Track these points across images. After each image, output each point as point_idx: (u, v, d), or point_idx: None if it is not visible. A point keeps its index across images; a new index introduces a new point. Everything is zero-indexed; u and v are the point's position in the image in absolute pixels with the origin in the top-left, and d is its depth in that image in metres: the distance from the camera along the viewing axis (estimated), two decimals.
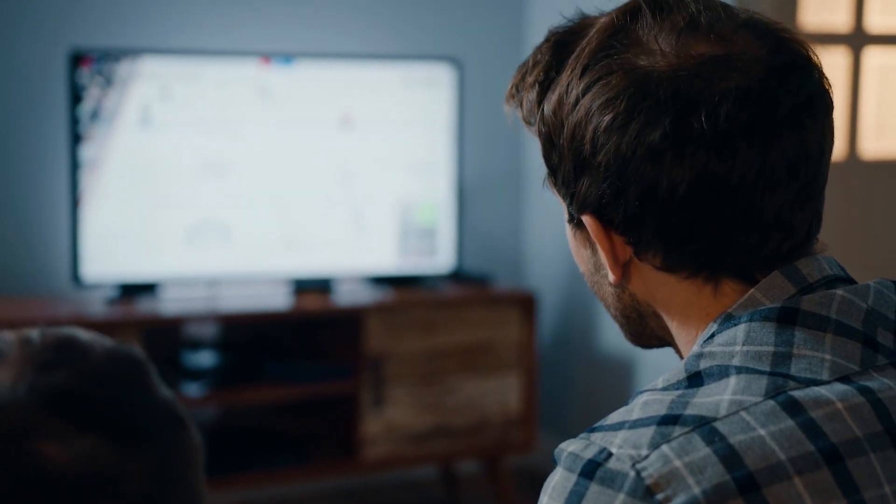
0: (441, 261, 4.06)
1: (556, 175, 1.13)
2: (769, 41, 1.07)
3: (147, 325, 3.60)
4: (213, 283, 3.84)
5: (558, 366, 4.45)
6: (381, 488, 4.32)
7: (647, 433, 0.98)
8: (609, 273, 1.13)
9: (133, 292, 3.74)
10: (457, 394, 3.94)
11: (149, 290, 3.76)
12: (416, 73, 3.99)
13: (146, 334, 3.56)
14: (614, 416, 1.02)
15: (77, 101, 3.62)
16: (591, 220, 1.10)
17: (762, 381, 1.01)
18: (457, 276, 4.11)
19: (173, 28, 3.99)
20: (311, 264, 3.90)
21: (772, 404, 0.99)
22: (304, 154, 3.88)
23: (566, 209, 1.14)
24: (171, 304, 3.72)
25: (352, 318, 3.81)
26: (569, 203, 1.13)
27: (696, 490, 0.94)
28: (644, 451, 0.97)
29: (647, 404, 1.01)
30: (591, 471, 0.98)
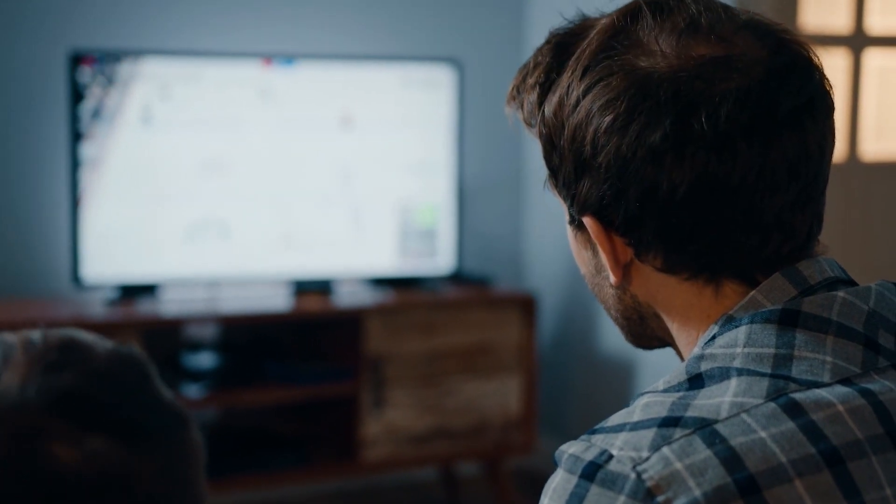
0: (441, 262, 4.06)
1: (557, 176, 1.13)
2: (770, 42, 1.07)
3: (147, 327, 3.60)
4: (213, 284, 3.84)
5: (558, 367, 4.45)
6: (381, 490, 4.32)
7: (648, 435, 0.98)
8: (610, 275, 1.13)
9: (133, 293, 3.74)
10: (457, 395, 3.94)
11: (149, 291, 3.76)
12: (417, 74, 3.99)
13: (146, 335, 3.56)
14: (615, 418, 1.02)
15: (77, 102, 3.62)
16: (592, 221, 1.10)
17: (763, 383, 1.00)
18: (457, 278, 4.11)
19: (174, 29, 3.98)
20: (311, 265, 3.90)
21: (773, 406, 0.99)
22: (304, 155, 3.88)
23: (567, 211, 1.14)
24: (171, 305, 3.72)
25: (352, 320, 3.81)
26: (569, 204, 1.13)
27: (697, 492, 0.94)
28: (645, 453, 0.97)
29: (647, 406, 1.01)
30: (591, 473, 0.97)
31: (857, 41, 4.06)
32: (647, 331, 1.18)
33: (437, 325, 3.89)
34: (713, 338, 1.06)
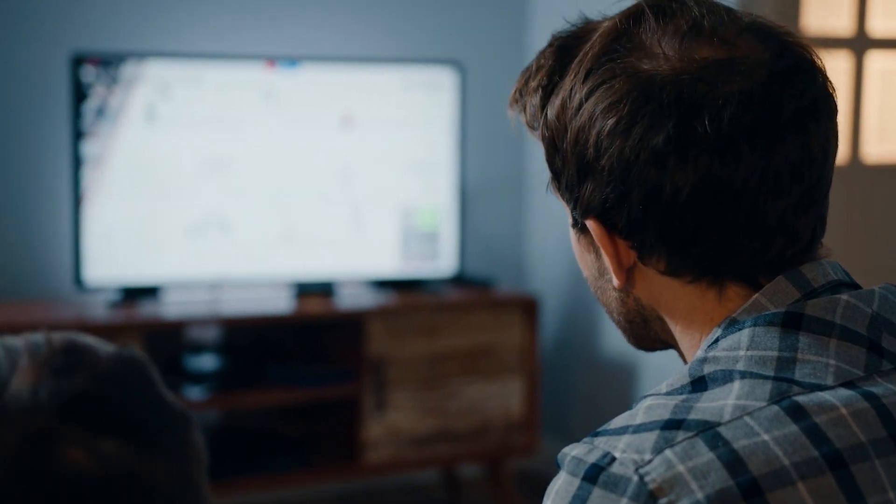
0: (443, 264, 4.06)
1: (560, 179, 1.12)
2: (773, 45, 1.07)
3: (149, 329, 3.60)
4: (215, 286, 3.84)
5: (560, 369, 4.45)
6: (383, 492, 4.32)
7: (651, 438, 0.98)
8: (613, 278, 1.13)
9: (135, 295, 3.74)
10: (459, 397, 3.93)
11: (151, 293, 3.76)
12: (419, 76, 3.99)
13: (148, 338, 3.56)
14: (618, 421, 1.02)
15: (80, 104, 3.62)
16: (595, 224, 1.10)
17: (766, 386, 1.00)
18: (459, 280, 4.11)
19: (177, 32, 3.98)
20: (313, 267, 3.90)
21: (776, 409, 0.98)
22: (306, 156, 3.88)
23: (570, 214, 1.14)
24: (173, 307, 3.72)
25: (354, 322, 3.81)
26: (572, 207, 1.12)
27: (700, 495, 0.94)
28: (647, 456, 0.97)
29: (650, 409, 1.01)
30: (594, 475, 0.97)
31: (860, 43, 4.06)
32: (650, 333, 1.17)
33: (439, 327, 3.89)
34: (716, 340, 1.06)
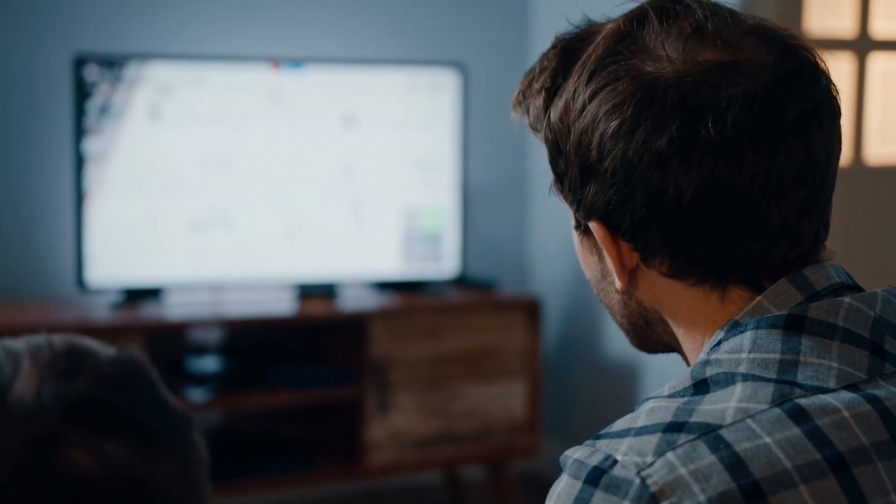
0: (446, 266, 4.06)
1: (563, 181, 1.13)
2: (776, 47, 1.07)
3: (151, 330, 3.60)
4: (217, 288, 3.84)
5: (563, 371, 4.45)
6: (385, 494, 4.31)
7: (653, 440, 0.98)
8: (616, 280, 1.13)
9: (137, 297, 3.74)
10: (461, 399, 3.93)
11: (153, 294, 3.76)
12: (421, 78, 3.99)
13: (150, 339, 3.56)
14: (620, 423, 1.02)
15: (82, 107, 3.62)
16: (598, 226, 1.10)
17: (768, 389, 1.00)
18: (461, 282, 4.11)
19: (180, 34, 3.98)
20: (315, 269, 3.90)
21: (778, 412, 0.98)
22: (309, 157, 3.88)
23: (573, 216, 1.14)
24: (175, 309, 3.72)
25: (356, 324, 3.81)
26: (575, 209, 1.12)
27: (702, 497, 0.94)
28: (649, 459, 0.96)
29: (652, 411, 1.01)
30: (596, 478, 0.97)
31: (862, 45, 4.06)
32: (652, 336, 1.17)
33: (442, 329, 3.89)
34: (719, 343, 1.06)
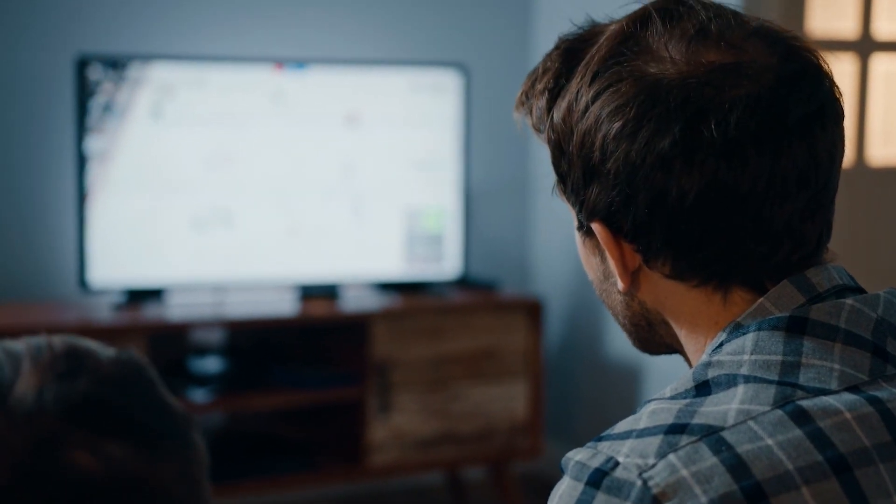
0: (448, 267, 4.05)
1: (566, 182, 1.12)
2: (780, 49, 1.07)
3: (154, 331, 3.60)
4: (219, 288, 3.84)
5: (565, 372, 4.44)
6: (387, 494, 4.31)
7: (655, 442, 0.98)
8: (618, 281, 1.12)
9: (140, 298, 3.74)
10: (463, 400, 3.93)
11: (155, 295, 3.76)
12: (424, 79, 3.99)
13: (153, 340, 3.56)
14: (622, 425, 1.02)
15: (84, 107, 3.62)
16: (601, 227, 1.10)
17: (770, 391, 1.00)
18: (463, 283, 4.11)
19: (184, 35, 3.98)
20: (317, 270, 3.90)
21: (780, 414, 0.98)
22: (312, 158, 3.88)
23: (575, 217, 1.14)
24: (177, 309, 3.72)
25: (358, 325, 3.81)
26: (578, 210, 1.12)
27: (703, 499, 0.94)
28: (651, 460, 0.96)
29: (654, 413, 1.01)
30: (597, 480, 0.97)
31: (865, 46, 4.06)
32: (654, 337, 1.17)
33: (444, 329, 3.89)
34: (721, 345, 1.06)
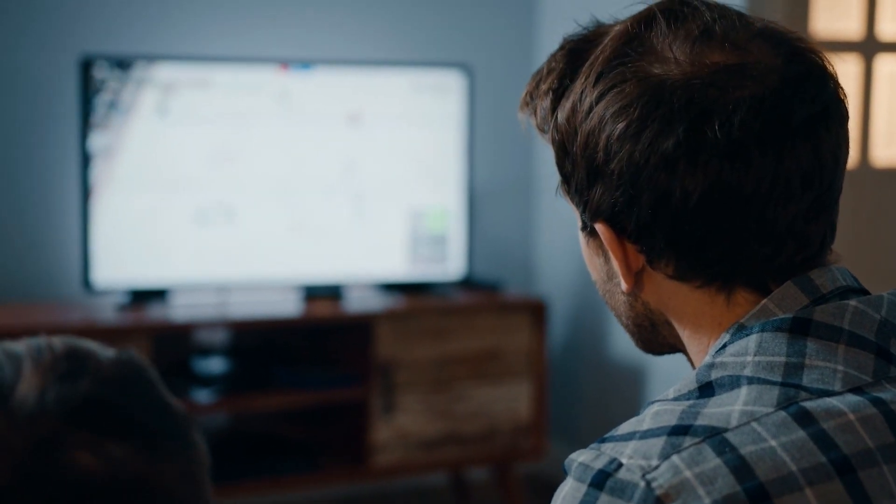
0: (451, 268, 4.05)
1: (570, 183, 1.12)
2: (784, 50, 1.07)
3: (157, 332, 3.60)
4: (223, 289, 3.84)
5: (569, 373, 4.44)
6: (390, 495, 4.31)
7: (658, 443, 0.98)
8: (621, 281, 1.12)
9: (143, 298, 3.74)
10: (467, 401, 3.93)
11: (159, 296, 3.76)
12: (427, 80, 3.98)
13: (156, 340, 3.55)
14: (625, 427, 1.02)
15: (88, 107, 3.62)
16: (604, 227, 1.10)
17: (774, 392, 1.00)
18: (467, 283, 4.11)
19: (188, 36, 3.99)
20: (321, 270, 3.90)
21: (783, 415, 0.98)
22: (315, 158, 3.88)
23: (579, 217, 1.14)
24: (181, 310, 3.72)
25: (362, 325, 3.81)
26: (582, 211, 1.12)
27: (707, 501, 0.94)
28: (654, 462, 0.96)
29: (657, 414, 1.01)
30: (601, 481, 0.97)
31: (869, 47, 4.06)
32: (658, 338, 1.17)
33: (448, 330, 3.89)
34: (724, 346, 1.06)
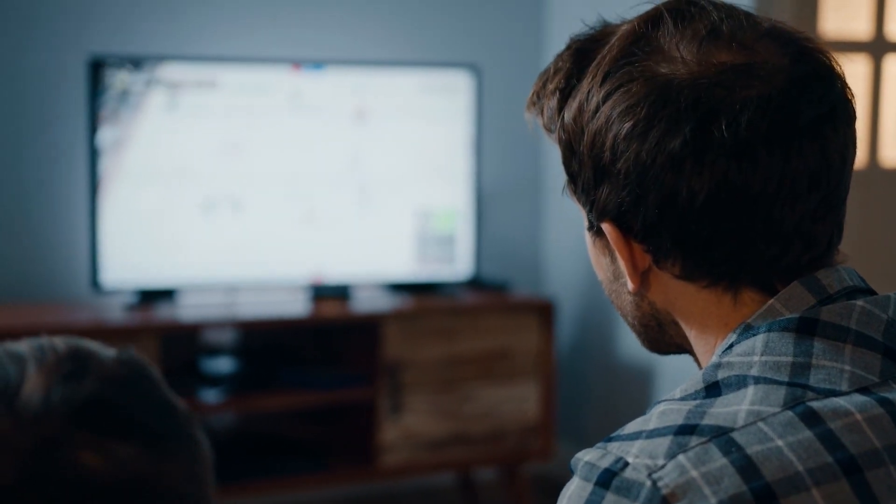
0: (459, 268, 4.05)
1: (576, 182, 1.12)
2: (791, 50, 1.06)
3: (166, 331, 3.60)
4: (231, 289, 3.84)
5: (576, 373, 4.44)
6: (398, 495, 4.31)
7: (664, 443, 0.97)
8: (628, 281, 1.12)
9: (152, 298, 3.74)
10: (475, 401, 3.93)
11: (167, 296, 3.76)
12: (435, 80, 3.98)
13: (164, 340, 3.56)
14: (631, 426, 1.02)
15: (96, 111, 3.62)
16: (611, 227, 1.10)
17: (780, 392, 1.00)
18: (475, 284, 4.11)
19: (195, 36, 3.99)
20: (329, 270, 3.90)
21: (790, 415, 0.98)
22: (323, 156, 3.88)
23: (586, 217, 1.14)
24: (189, 310, 3.73)
25: (370, 325, 3.81)
26: (588, 210, 1.12)
27: (713, 500, 0.94)
28: (660, 461, 0.96)
29: (664, 414, 1.01)
30: (607, 480, 0.97)
31: (878, 47, 4.05)
32: (664, 337, 1.17)
33: (455, 330, 3.89)
34: (731, 346, 1.06)
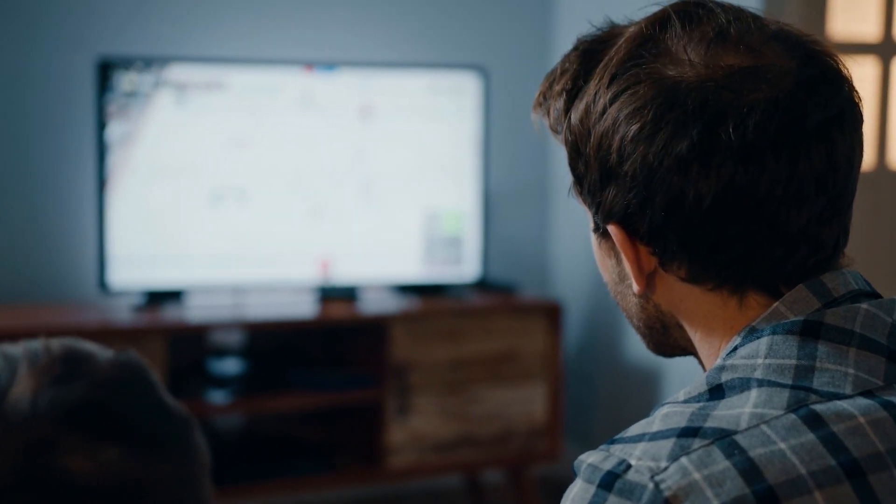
0: (467, 269, 4.05)
1: (582, 184, 1.12)
2: (799, 53, 1.06)
3: (173, 333, 3.61)
4: (238, 290, 3.84)
5: (584, 375, 4.44)
6: (405, 497, 4.31)
7: (667, 445, 0.97)
8: (633, 283, 1.12)
9: (159, 299, 3.75)
10: (482, 403, 3.93)
11: (175, 297, 3.77)
12: (443, 81, 3.98)
13: (172, 342, 3.56)
14: (635, 429, 1.02)
15: (104, 113, 3.63)
16: (617, 229, 1.09)
17: (784, 395, 1.00)
18: (482, 285, 4.11)
19: (204, 37, 3.99)
20: (336, 272, 3.90)
21: (793, 418, 0.98)
22: (331, 156, 3.88)
23: (592, 218, 1.14)
24: (196, 311, 3.73)
25: (377, 327, 3.81)
26: (594, 212, 1.12)
27: (716, 503, 0.93)
28: (663, 464, 0.96)
29: (667, 416, 1.01)
30: (609, 482, 0.97)
31: (886, 49, 4.05)
32: (669, 340, 1.17)
33: (463, 332, 3.89)
34: (735, 349, 1.06)
